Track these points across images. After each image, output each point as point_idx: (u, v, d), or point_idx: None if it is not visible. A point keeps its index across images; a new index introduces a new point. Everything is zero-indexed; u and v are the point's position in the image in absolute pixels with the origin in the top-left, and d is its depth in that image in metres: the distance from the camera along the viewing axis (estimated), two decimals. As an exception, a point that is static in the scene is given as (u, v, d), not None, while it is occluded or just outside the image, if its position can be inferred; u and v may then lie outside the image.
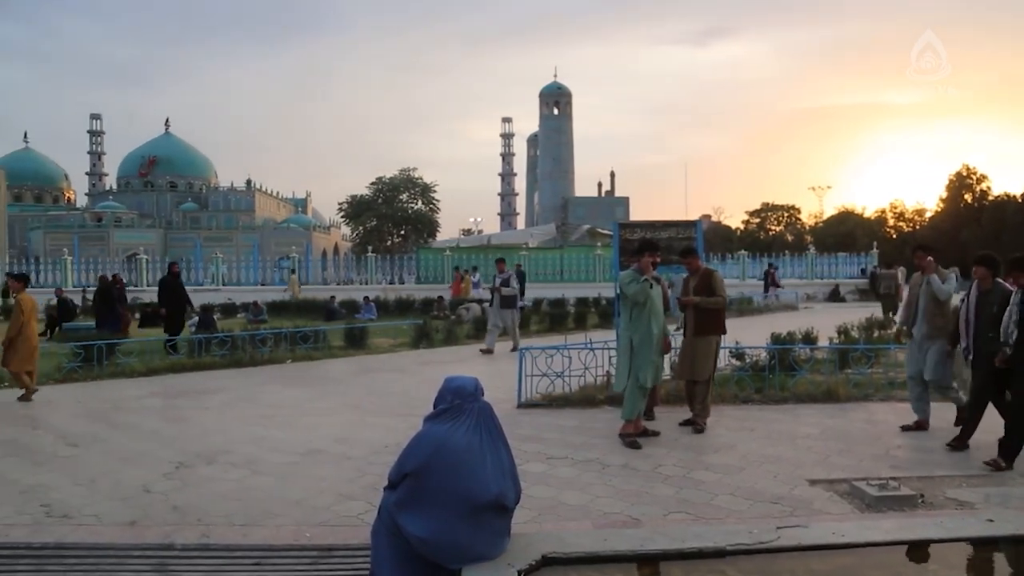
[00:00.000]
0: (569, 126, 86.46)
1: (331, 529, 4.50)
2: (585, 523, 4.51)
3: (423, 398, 7.66)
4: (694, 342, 7.22)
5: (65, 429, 7.46)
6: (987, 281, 6.32)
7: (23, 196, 77.92)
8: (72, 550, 4.21)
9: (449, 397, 3.37)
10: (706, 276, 7.37)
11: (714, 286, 7.26)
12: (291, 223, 79.18)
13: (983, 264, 6.38)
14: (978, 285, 6.35)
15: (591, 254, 32.17)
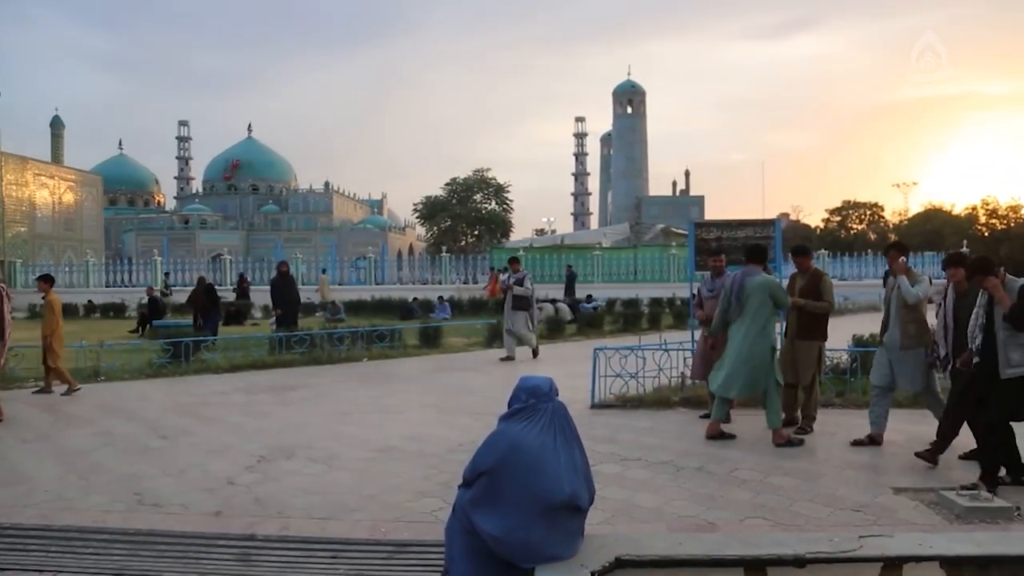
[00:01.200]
0: (643, 124, 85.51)
1: (406, 525, 4.57)
2: (659, 526, 4.46)
3: (496, 397, 7.71)
4: (797, 345, 7.05)
5: (156, 422, 7.80)
6: (964, 284, 5.84)
7: (118, 200, 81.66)
8: (162, 537, 4.39)
9: (524, 396, 3.38)
10: (815, 278, 7.16)
11: (822, 289, 7.06)
12: (367, 224, 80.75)
13: (957, 265, 5.91)
14: (954, 288, 5.90)
15: (666, 254, 31.80)
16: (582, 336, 17.21)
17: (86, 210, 40.91)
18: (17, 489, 5.47)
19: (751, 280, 6.58)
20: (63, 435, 7.26)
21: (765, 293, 6.53)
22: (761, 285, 6.55)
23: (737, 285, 6.64)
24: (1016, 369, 5.22)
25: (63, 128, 43.08)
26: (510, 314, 12.68)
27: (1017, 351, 5.23)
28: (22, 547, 4.27)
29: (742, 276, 6.66)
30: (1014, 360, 5.24)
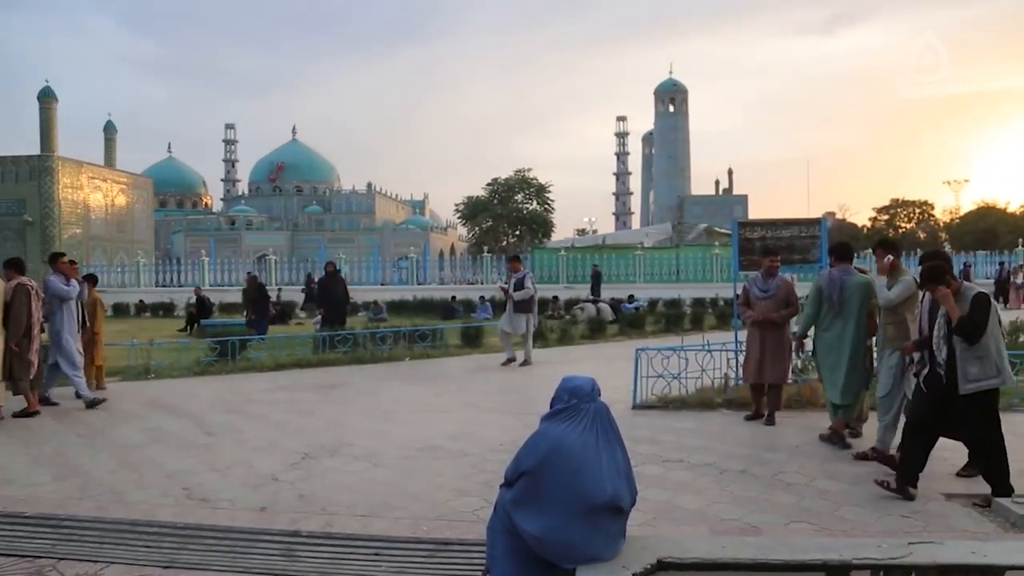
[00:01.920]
0: (685, 123, 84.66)
1: (447, 523, 4.59)
2: (701, 528, 4.42)
3: (538, 397, 7.71)
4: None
5: (203, 419, 7.96)
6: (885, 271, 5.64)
7: (167, 202, 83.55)
8: (210, 531, 4.49)
9: (566, 397, 3.37)
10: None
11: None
12: (409, 224, 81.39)
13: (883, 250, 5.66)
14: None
15: (708, 253, 31.43)
16: (624, 336, 17.12)
17: (137, 212, 41.95)
18: (73, 482, 5.64)
19: (850, 280, 6.44)
20: (115, 431, 7.46)
21: (864, 293, 6.38)
22: (861, 285, 6.41)
23: (838, 285, 6.46)
24: (976, 384, 4.93)
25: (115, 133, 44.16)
26: (512, 316, 11.95)
27: (975, 364, 4.94)
28: (78, 538, 4.40)
29: (839, 275, 6.50)
30: (972, 374, 4.95)
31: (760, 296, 7.48)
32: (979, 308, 4.92)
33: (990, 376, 4.92)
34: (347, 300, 15.23)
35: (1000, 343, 5.02)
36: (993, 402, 5.03)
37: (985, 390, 4.94)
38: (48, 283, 8.61)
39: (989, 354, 4.90)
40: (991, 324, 4.93)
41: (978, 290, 5.05)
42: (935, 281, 5.03)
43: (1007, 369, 5.02)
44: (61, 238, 35.30)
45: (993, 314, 4.97)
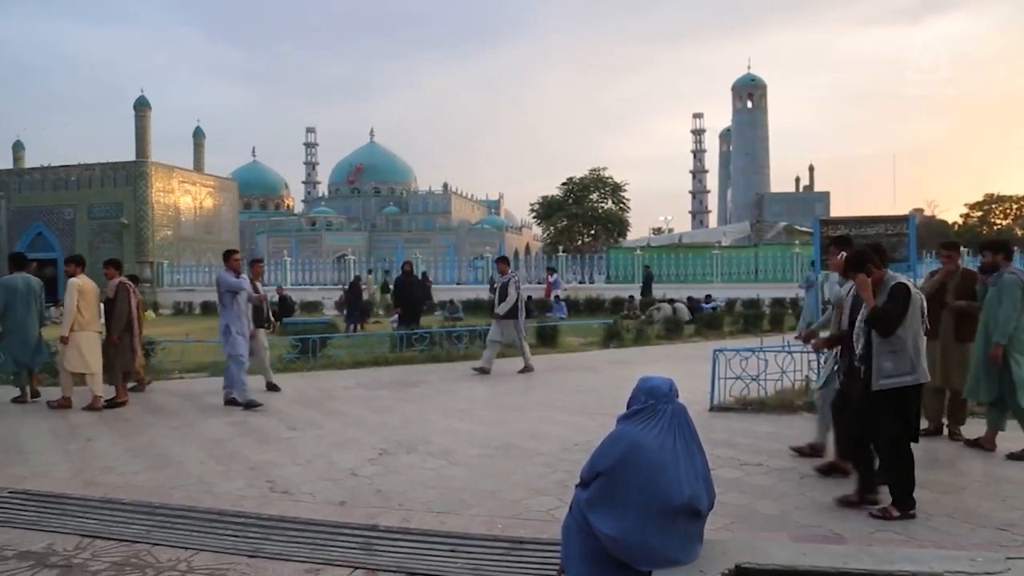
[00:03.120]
0: (764, 119, 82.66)
1: (522, 522, 4.61)
2: (781, 534, 4.30)
3: (613, 397, 7.67)
4: (955, 348, 6.64)
5: (285, 414, 8.21)
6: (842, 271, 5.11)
7: (251, 204, 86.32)
8: (292, 523, 4.63)
9: (643, 397, 3.34)
10: (969, 277, 6.72)
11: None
12: (485, 224, 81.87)
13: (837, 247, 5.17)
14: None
15: (788, 253, 30.58)
16: (700, 337, 16.84)
17: (223, 214, 43.49)
18: (166, 472, 5.90)
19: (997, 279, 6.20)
20: (204, 424, 7.76)
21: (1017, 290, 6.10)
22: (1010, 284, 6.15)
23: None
24: (889, 380, 4.65)
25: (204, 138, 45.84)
26: (499, 323, 11.35)
27: (889, 359, 4.65)
28: (171, 525, 4.60)
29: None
30: (885, 369, 4.67)
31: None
32: (895, 298, 4.66)
33: (904, 373, 4.63)
34: (428, 298, 15.45)
35: (919, 339, 4.72)
36: (906, 402, 4.69)
37: (899, 388, 4.64)
38: (220, 278, 8.89)
39: (905, 349, 4.63)
40: (910, 318, 4.65)
41: (899, 280, 4.77)
42: (855, 268, 4.77)
43: (922, 366, 4.70)
44: (154, 239, 36.91)
45: (915, 308, 4.69)
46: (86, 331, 8.66)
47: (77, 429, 7.58)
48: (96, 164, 37.97)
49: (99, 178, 37.48)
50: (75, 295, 8.55)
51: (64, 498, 5.19)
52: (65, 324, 8.59)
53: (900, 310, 4.62)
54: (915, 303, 4.70)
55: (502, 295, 11.30)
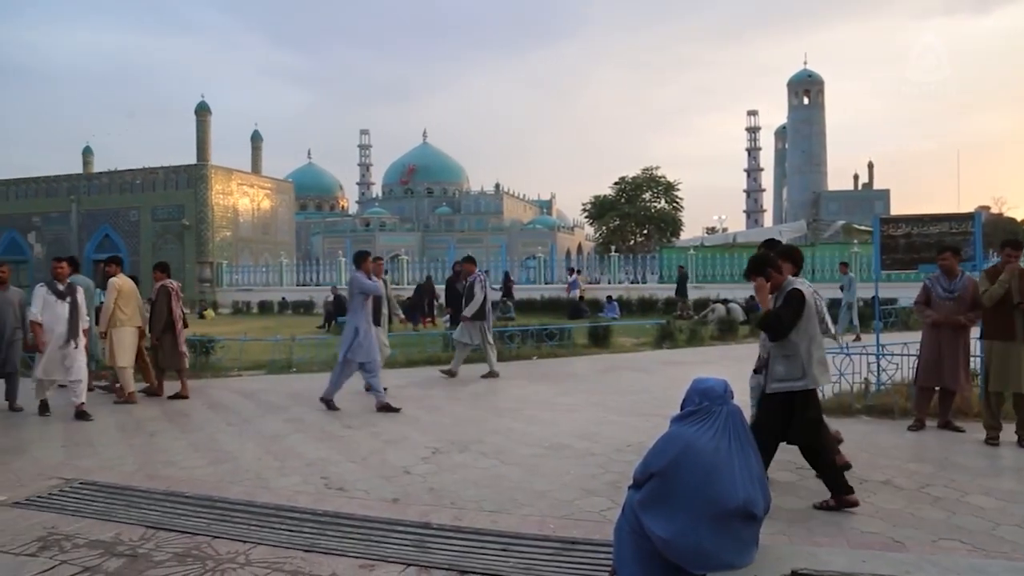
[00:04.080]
0: (820, 116, 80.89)
1: (574, 522, 4.60)
2: (839, 540, 4.21)
3: (666, 398, 7.61)
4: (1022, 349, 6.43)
5: (340, 412, 8.34)
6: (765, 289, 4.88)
7: (307, 205, 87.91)
8: (346, 519, 4.70)
9: (697, 399, 3.31)
10: None
11: None
12: (536, 224, 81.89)
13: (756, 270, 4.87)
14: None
15: (846, 252, 29.85)
16: (755, 338, 16.51)
17: (280, 215, 44.39)
18: (224, 467, 6.05)
19: None
20: (261, 420, 7.94)
21: None
22: None
23: None
24: (780, 384, 4.70)
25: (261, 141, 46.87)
26: (464, 325, 11.12)
27: (782, 364, 4.70)
28: (230, 519, 4.73)
29: None
30: (777, 373, 4.72)
31: (943, 296, 7.01)
32: (788, 303, 4.68)
33: (794, 378, 4.66)
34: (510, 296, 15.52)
35: (813, 344, 4.72)
36: (805, 406, 4.71)
37: (794, 392, 4.67)
38: (355, 280, 8.83)
39: (797, 354, 4.65)
40: (804, 323, 4.67)
41: (795, 286, 4.75)
42: (754, 272, 4.79)
43: (813, 372, 4.69)
44: (214, 240, 37.88)
45: (810, 313, 4.70)
46: (125, 327, 9.19)
47: (142, 424, 7.83)
48: (159, 168, 39.18)
49: (162, 181, 38.65)
50: (114, 294, 9.15)
51: (130, 490, 5.38)
52: (103, 320, 9.22)
53: (792, 315, 4.65)
54: (810, 308, 4.73)
55: (469, 295, 11.06)
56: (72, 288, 8.30)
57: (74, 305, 8.17)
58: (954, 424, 7.00)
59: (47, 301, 8.13)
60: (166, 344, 9.53)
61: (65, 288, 8.25)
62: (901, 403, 7.68)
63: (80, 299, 8.30)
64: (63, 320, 8.08)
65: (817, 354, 4.75)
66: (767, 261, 4.87)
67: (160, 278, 9.70)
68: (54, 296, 8.15)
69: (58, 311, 8.10)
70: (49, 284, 8.24)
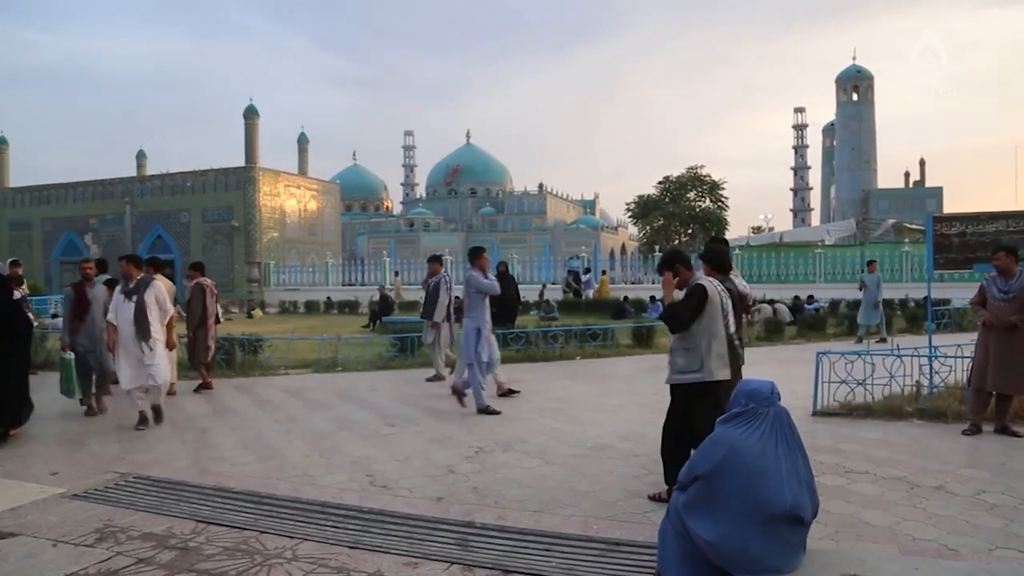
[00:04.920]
0: (870, 112, 79.16)
1: (617, 524, 4.58)
2: (890, 547, 4.12)
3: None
4: None
5: (385, 410, 8.43)
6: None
7: (352, 206, 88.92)
8: (391, 517, 4.75)
9: (743, 400, 3.27)
10: None
11: None
12: (580, 224, 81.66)
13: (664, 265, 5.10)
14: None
15: (897, 251, 29.19)
16: (802, 339, 16.30)
17: (326, 216, 44.97)
18: (272, 463, 6.16)
19: None
20: (307, 418, 8.06)
21: None
22: None
23: None
24: (679, 376, 4.85)
25: (308, 143, 47.53)
26: (425, 326, 11.05)
27: (682, 356, 4.84)
28: (276, 515, 4.81)
29: None
30: (678, 365, 4.87)
31: (999, 297, 6.83)
32: (686, 298, 4.84)
33: (693, 370, 4.77)
34: (518, 300, 15.55)
35: (714, 340, 4.80)
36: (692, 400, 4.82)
37: (693, 385, 4.78)
38: (471, 278, 8.69)
39: (697, 348, 4.76)
40: (706, 318, 4.78)
41: (699, 282, 4.87)
42: (663, 267, 5.02)
43: (710, 366, 4.77)
44: (261, 241, 38.53)
45: (712, 309, 4.81)
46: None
47: (193, 421, 8.01)
48: (209, 170, 39.99)
49: (212, 183, 39.43)
50: None
51: (181, 485, 5.51)
52: None
53: (690, 309, 4.78)
54: (713, 305, 4.81)
55: (433, 297, 10.80)
56: (138, 286, 7.93)
57: (140, 304, 7.78)
58: (1012, 429, 6.79)
59: (117, 300, 7.94)
60: (199, 339, 10.07)
61: (132, 286, 7.93)
62: (955, 406, 7.48)
63: (149, 297, 7.89)
64: (130, 321, 7.77)
65: (716, 348, 4.82)
66: (676, 257, 5.06)
67: (195, 276, 10.18)
68: (123, 295, 7.91)
69: (125, 311, 7.81)
70: (122, 283, 8.08)
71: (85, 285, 8.56)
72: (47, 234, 43.40)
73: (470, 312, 8.56)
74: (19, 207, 44.39)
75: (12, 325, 7.26)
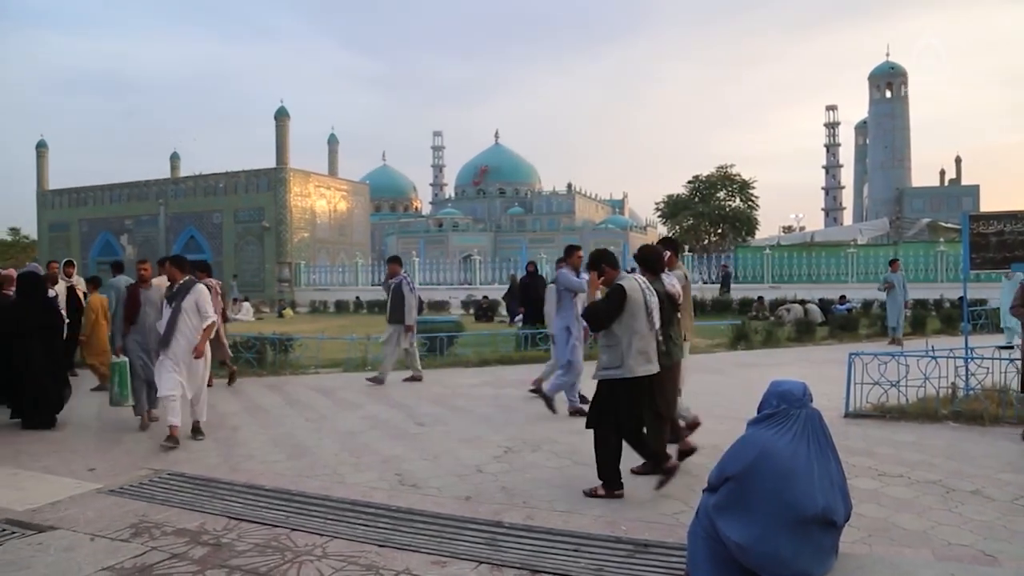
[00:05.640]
0: (904, 109, 77.80)
1: (646, 525, 4.56)
2: (924, 552, 4.05)
3: (742, 401, 7.47)
4: None
5: (414, 410, 8.47)
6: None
7: (381, 206, 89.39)
8: (419, 516, 4.78)
9: (775, 401, 3.23)
10: None
11: None
12: (609, 224, 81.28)
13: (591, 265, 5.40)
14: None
15: (932, 251, 28.69)
16: (834, 340, 16.08)
17: (356, 216, 45.28)
18: (302, 462, 6.23)
19: None
20: (337, 417, 8.13)
21: None
22: None
23: None
24: (602, 372, 5.07)
25: (337, 144, 47.90)
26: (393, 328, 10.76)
27: (606, 353, 5.06)
28: (307, 512, 4.86)
29: None
30: (602, 362, 5.09)
31: None
32: (606, 298, 5.08)
33: (614, 366, 4.97)
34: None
35: (635, 338, 4.99)
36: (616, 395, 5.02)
37: (615, 380, 4.98)
38: (561, 276, 8.41)
39: (619, 345, 4.96)
40: (627, 317, 4.97)
41: (620, 282, 5.06)
42: (589, 267, 5.28)
43: (630, 363, 4.97)
44: (292, 241, 38.92)
45: (633, 308, 4.99)
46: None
47: (225, 419, 8.12)
48: (241, 171, 40.50)
49: (244, 184, 39.93)
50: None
51: (214, 482, 5.59)
52: None
53: (609, 308, 5.01)
54: (634, 304, 5.00)
55: (398, 299, 10.63)
56: (180, 291, 7.24)
57: (177, 310, 7.10)
58: None
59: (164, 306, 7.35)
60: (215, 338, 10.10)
61: (175, 291, 7.28)
62: (992, 409, 7.34)
63: (188, 303, 7.16)
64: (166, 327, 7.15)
65: (637, 345, 4.99)
66: (601, 258, 5.31)
67: (201, 277, 10.22)
68: (166, 300, 7.33)
69: (166, 316, 7.23)
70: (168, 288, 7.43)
71: (140, 287, 8.11)
72: (84, 235, 44.29)
73: (560, 311, 8.34)
74: (58, 208, 45.38)
75: (51, 319, 7.72)
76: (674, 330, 5.72)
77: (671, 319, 5.60)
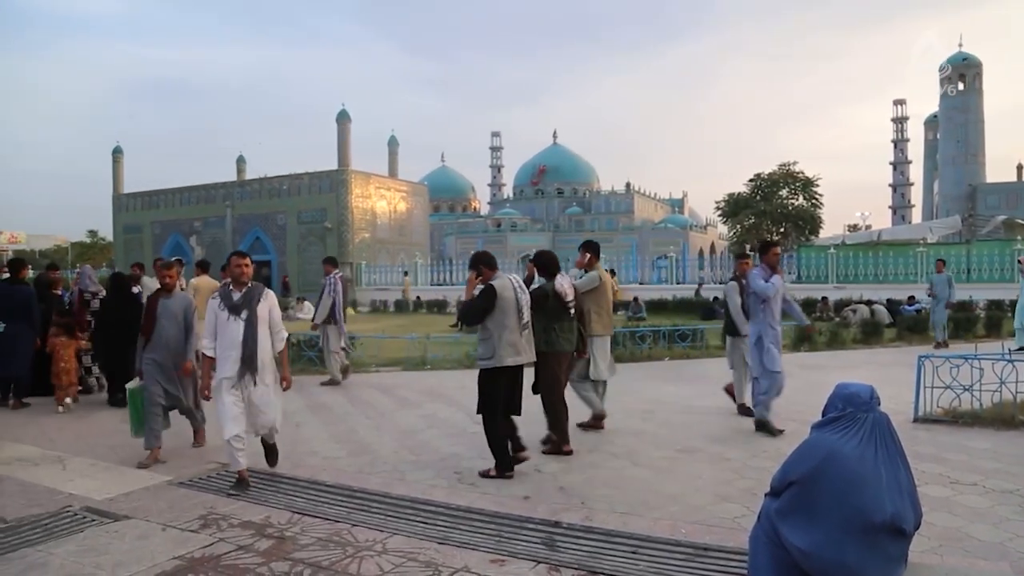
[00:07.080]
0: (978, 102, 74.74)
1: (706, 528, 4.50)
2: (1001, 564, 3.90)
3: (805, 403, 7.31)
4: None
5: (471, 409, 8.43)
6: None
7: (440, 207, 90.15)
8: (478, 514, 4.81)
9: (840, 405, 3.14)
10: None
11: None
12: (668, 223, 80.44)
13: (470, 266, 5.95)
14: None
15: (1008, 249, 27.53)
16: (902, 341, 15.60)
17: (415, 217, 45.78)
18: (363, 459, 6.33)
19: None
20: (397, 415, 8.23)
21: None
22: None
23: None
24: (481, 362, 5.69)
25: (398, 146, 48.44)
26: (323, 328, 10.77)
27: (482, 345, 5.65)
28: (367, 508, 4.94)
29: None
30: (479, 353, 5.72)
31: None
32: (477, 296, 5.67)
33: (487, 357, 5.60)
34: None
35: (505, 331, 5.58)
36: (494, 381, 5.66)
37: (488, 369, 5.63)
38: (751, 278, 7.36)
39: (491, 338, 5.58)
40: (498, 313, 5.58)
41: (492, 282, 5.68)
42: (470, 267, 5.83)
43: (501, 354, 5.57)
44: (353, 242, 39.56)
45: (504, 304, 5.60)
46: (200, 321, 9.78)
47: (288, 416, 8.26)
48: (304, 173, 41.33)
49: (307, 186, 40.74)
50: (191, 291, 10.10)
51: (277, 477, 5.73)
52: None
53: (478, 305, 5.61)
54: (506, 302, 5.62)
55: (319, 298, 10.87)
56: (248, 297, 5.60)
57: (250, 323, 5.49)
58: None
59: (219, 318, 5.55)
60: None
61: (242, 297, 5.59)
62: (1074, 416, 7.02)
63: (263, 311, 5.59)
64: (237, 344, 5.44)
65: (507, 338, 5.59)
66: (480, 260, 5.84)
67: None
68: (227, 311, 5.54)
69: (231, 332, 5.48)
70: (223, 292, 5.71)
71: (160, 297, 6.74)
72: (156, 236, 45.82)
73: (752, 318, 7.44)
74: (132, 211, 47.06)
75: (134, 312, 8.22)
76: (562, 324, 6.35)
77: (559, 315, 6.31)
